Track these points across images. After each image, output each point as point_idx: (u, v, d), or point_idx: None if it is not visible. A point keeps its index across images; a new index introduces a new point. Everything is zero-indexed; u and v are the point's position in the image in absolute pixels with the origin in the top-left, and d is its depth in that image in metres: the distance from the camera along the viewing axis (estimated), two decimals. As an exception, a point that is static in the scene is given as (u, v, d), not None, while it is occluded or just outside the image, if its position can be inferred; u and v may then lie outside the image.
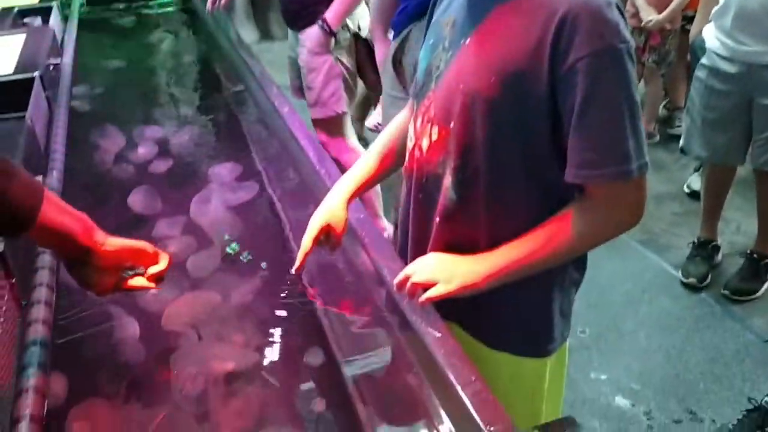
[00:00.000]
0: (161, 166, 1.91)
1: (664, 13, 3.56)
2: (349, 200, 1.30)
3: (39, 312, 1.05)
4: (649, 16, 3.58)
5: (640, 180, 1.01)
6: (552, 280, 1.19)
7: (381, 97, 2.59)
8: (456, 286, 1.07)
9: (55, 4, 2.75)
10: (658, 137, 3.93)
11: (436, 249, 1.18)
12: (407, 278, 1.10)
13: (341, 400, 1.25)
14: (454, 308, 1.13)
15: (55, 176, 1.50)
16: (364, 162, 1.34)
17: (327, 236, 1.29)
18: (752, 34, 2.30)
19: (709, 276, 2.80)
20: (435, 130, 1.12)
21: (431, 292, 1.07)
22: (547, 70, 0.97)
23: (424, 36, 1.22)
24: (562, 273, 1.20)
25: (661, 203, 3.35)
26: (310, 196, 1.57)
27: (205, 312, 1.40)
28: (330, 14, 2.61)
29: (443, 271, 1.09)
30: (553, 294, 1.21)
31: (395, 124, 1.35)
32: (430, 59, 1.15)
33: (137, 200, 1.73)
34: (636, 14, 3.66)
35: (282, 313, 1.36)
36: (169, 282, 1.34)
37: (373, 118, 4.09)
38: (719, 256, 2.90)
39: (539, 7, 0.97)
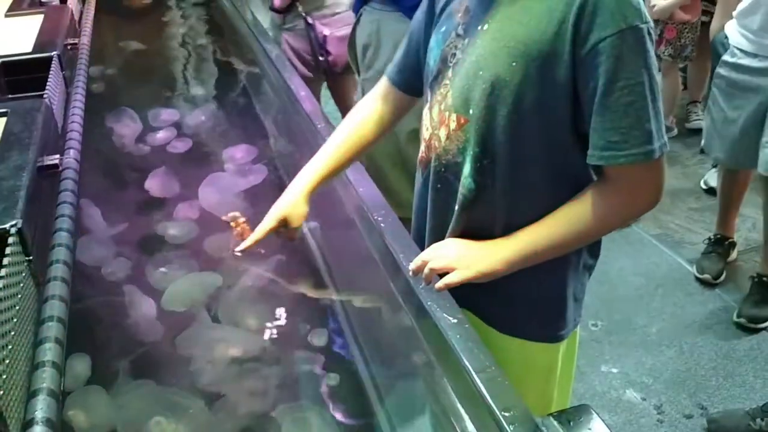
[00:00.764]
0: (177, 148, 1.91)
1: (665, 3, 3.47)
2: (310, 193, 1.29)
3: (56, 289, 1.05)
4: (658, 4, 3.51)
5: (660, 160, 1.01)
6: (567, 265, 1.19)
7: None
8: (474, 272, 1.08)
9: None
10: (676, 131, 3.89)
11: (453, 236, 1.17)
12: (424, 263, 1.10)
13: (355, 385, 1.26)
14: (467, 294, 1.12)
15: (72, 155, 1.50)
16: (326, 153, 1.32)
17: (284, 227, 1.29)
18: None
19: (724, 273, 2.78)
20: (453, 117, 1.12)
21: (449, 278, 1.07)
22: (569, 52, 0.97)
23: (434, 24, 1.20)
24: (577, 257, 1.20)
25: (677, 198, 3.33)
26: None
27: (206, 293, 1.40)
28: None
29: (461, 257, 1.09)
30: (567, 278, 1.21)
31: (356, 112, 1.34)
32: (444, 47, 1.13)
33: (154, 182, 1.73)
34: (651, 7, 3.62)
35: (291, 297, 1.36)
36: (177, 264, 1.35)
37: None
38: (734, 253, 2.87)
39: None
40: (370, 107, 1.32)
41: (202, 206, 1.68)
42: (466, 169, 1.11)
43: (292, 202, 1.28)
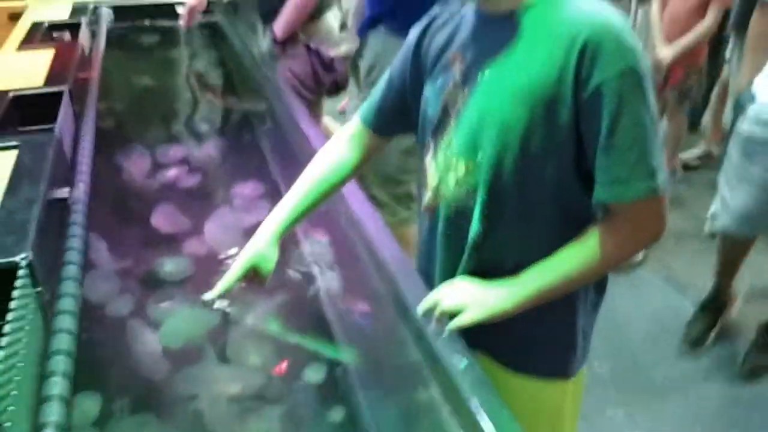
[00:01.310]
0: (184, 184, 1.92)
1: (670, 51, 3.47)
2: (279, 239, 1.25)
3: (65, 322, 1.04)
4: (662, 52, 3.55)
5: (663, 196, 1.03)
6: (576, 301, 1.19)
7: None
8: (486, 313, 1.07)
9: (83, 20, 2.78)
10: (681, 174, 3.91)
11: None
12: (435, 304, 1.09)
13: (359, 427, 1.24)
14: (477, 334, 1.10)
15: (81, 189, 1.50)
16: (295, 196, 1.28)
17: (255, 274, 1.24)
18: None
19: (711, 336, 2.71)
20: (461, 164, 1.12)
21: (460, 320, 1.07)
22: (572, 96, 0.99)
23: (427, 76, 1.19)
24: (585, 293, 1.20)
25: (681, 240, 3.32)
26: (331, 220, 1.57)
27: (206, 330, 1.40)
28: (276, 26, 2.68)
29: (472, 298, 1.09)
30: (577, 314, 1.21)
31: (326, 154, 1.32)
32: (443, 99, 1.14)
33: (160, 218, 1.74)
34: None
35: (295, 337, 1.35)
36: (179, 299, 1.35)
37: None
38: (734, 310, 2.80)
39: (560, 35, 0.99)
40: (342, 150, 1.31)
41: (208, 242, 1.68)
42: (476, 212, 1.12)
43: (260, 250, 1.23)
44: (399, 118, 1.26)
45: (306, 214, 1.29)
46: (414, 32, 1.22)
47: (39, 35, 2.57)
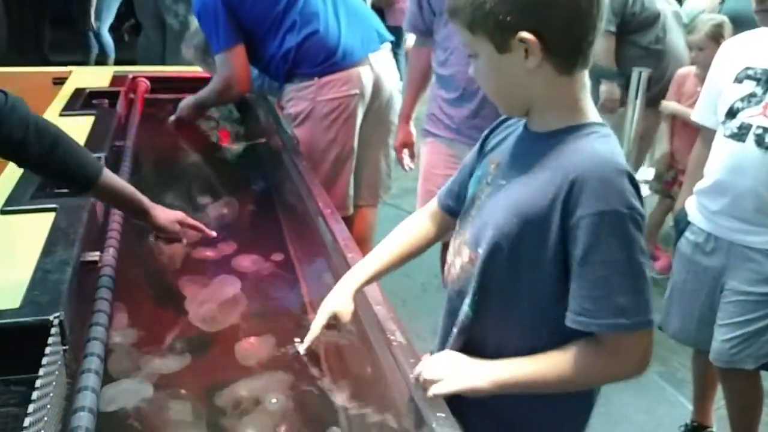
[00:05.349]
0: (203, 254, 2.00)
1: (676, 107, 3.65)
2: (357, 293, 1.40)
3: (89, 380, 1.13)
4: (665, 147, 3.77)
5: (640, 335, 1.09)
6: (570, 399, 1.24)
7: None
8: (460, 383, 1.16)
9: (122, 90, 2.95)
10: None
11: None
12: (419, 373, 1.20)
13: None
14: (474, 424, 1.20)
15: (111, 253, 1.61)
16: (377, 259, 1.43)
17: (335, 322, 1.38)
18: (740, 219, 2.12)
19: None
20: (466, 252, 1.24)
21: (436, 388, 1.16)
22: (559, 221, 1.09)
23: (478, 165, 1.33)
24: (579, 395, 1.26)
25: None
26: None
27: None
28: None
29: (450, 368, 1.19)
30: (569, 412, 1.28)
31: (409, 225, 1.47)
32: (476, 190, 1.28)
33: (184, 283, 1.80)
34: (671, 154, 3.81)
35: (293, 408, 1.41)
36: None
37: None
38: None
39: (560, 167, 1.09)
40: (421, 223, 1.46)
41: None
42: (468, 298, 1.23)
43: (342, 301, 1.38)
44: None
45: (381, 274, 1.44)
46: (487, 130, 1.36)
47: (80, 101, 2.73)
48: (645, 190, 4.74)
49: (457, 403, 1.18)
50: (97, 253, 1.61)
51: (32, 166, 1.58)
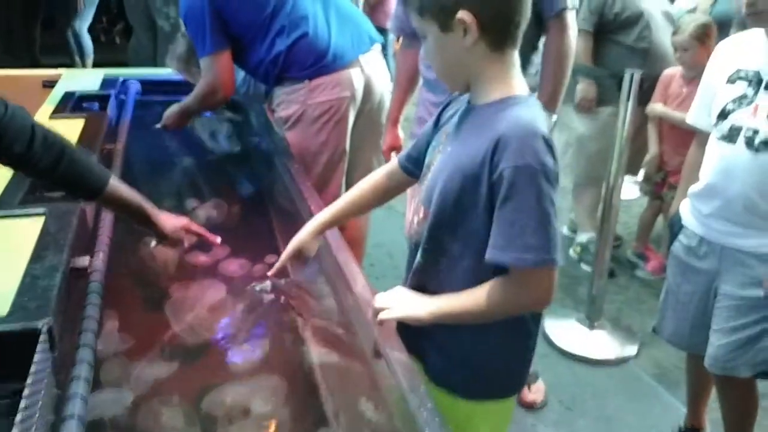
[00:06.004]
0: (197, 259, 2.00)
1: (663, 110, 3.69)
2: (318, 231, 1.68)
3: (78, 387, 1.12)
4: (654, 149, 3.76)
5: (544, 271, 1.27)
6: (507, 329, 1.42)
7: None
8: (403, 311, 1.40)
9: (113, 92, 2.94)
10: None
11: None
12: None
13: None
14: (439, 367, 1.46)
15: (101, 258, 1.60)
16: (337, 207, 1.69)
17: (299, 256, 1.68)
18: (731, 221, 2.11)
19: None
20: (422, 209, 1.44)
21: (384, 314, 1.40)
22: (487, 174, 1.27)
23: (434, 134, 1.52)
24: (518, 323, 1.43)
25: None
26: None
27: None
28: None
29: (396, 299, 1.43)
30: (508, 342, 1.46)
31: (369, 180, 1.69)
32: (431, 157, 1.47)
33: (173, 289, 1.81)
34: (660, 156, 3.80)
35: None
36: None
37: None
38: None
39: (490, 131, 1.27)
40: (380, 178, 1.68)
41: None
42: (420, 249, 1.44)
43: (303, 240, 1.67)
44: (421, 165, 1.57)
45: (340, 221, 1.72)
46: (441, 107, 1.55)
47: (70, 105, 2.72)
48: (635, 192, 4.74)
49: (416, 346, 1.41)
50: (87, 258, 1.59)
51: (39, 176, 1.57)
